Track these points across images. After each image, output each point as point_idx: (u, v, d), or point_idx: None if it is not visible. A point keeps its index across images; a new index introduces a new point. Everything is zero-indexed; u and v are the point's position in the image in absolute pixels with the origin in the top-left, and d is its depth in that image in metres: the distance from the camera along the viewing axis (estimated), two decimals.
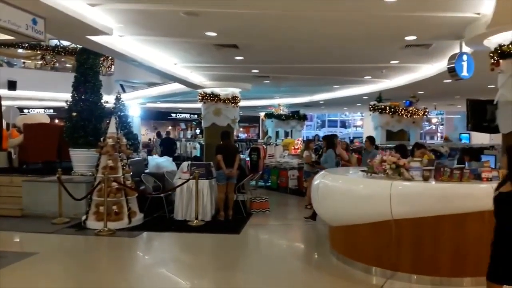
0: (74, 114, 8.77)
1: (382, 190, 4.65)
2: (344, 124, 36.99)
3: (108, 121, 7.59)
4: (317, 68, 9.67)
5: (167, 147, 13.98)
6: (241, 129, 29.18)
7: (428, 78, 9.86)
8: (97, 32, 6.00)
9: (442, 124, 29.45)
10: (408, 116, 13.79)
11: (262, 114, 21.40)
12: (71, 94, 9.01)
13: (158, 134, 17.69)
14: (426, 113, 14.59)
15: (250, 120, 27.72)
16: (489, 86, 11.28)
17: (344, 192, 5.11)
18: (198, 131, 22.68)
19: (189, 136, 22.83)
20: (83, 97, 8.99)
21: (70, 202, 7.28)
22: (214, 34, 6.54)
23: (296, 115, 18.35)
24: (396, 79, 11.28)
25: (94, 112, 9.04)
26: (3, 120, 10.85)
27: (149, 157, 9.70)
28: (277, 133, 19.19)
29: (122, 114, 11.61)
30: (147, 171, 8.94)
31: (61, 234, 6.63)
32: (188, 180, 7.23)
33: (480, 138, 17.33)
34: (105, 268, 5.38)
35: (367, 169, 5.25)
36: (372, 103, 13.71)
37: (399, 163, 4.75)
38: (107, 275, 5.01)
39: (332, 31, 6.44)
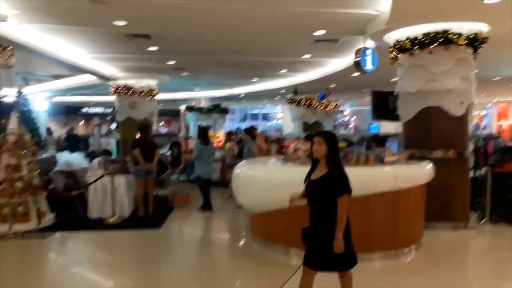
0: None
1: (297, 175, 4.86)
2: (265, 117, 37.83)
3: (7, 117, 6.91)
4: (234, 61, 9.77)
5: (72, 144, 13.19)
6: (162, 123, 28.44)
7: (337, 72, 10.49)
8: None
9: (354, 116, 31.46)
10: (322, 108, 14.53)
11: (183, 108, 21.07)
12: None
13: (71, 130, 16.54)
14: (337, 105, 15.49)
15: (171, 114, 27.09)
16: (391, 80, 12.33)
17: (263, 180, 5.27)
18: (114, 126, 21.62)
19: (103, 132, 21.68)
20: None
21: None
22: (123, 23, 6.28)
23: (217, 108, 18.35)
24: (309, 73, 11.82)
25: None
26: None
27: (59, 154, 9.05)
28: (198, 126, 18.99)
29: (25, 109, 10.64)
30: (57, 169, 8.34)
31: None
32: (102, 176, 6.90)
33: (387, 127, 18.96)
34: (11, 274, 4.93)
35: (283, 157, 5.47)
36: (288, 96, 14.22)
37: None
38: (14, 282, 4.60)
39: (244, 24, 6.54)
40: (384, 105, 7.01)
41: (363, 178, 4.78)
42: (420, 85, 6.15)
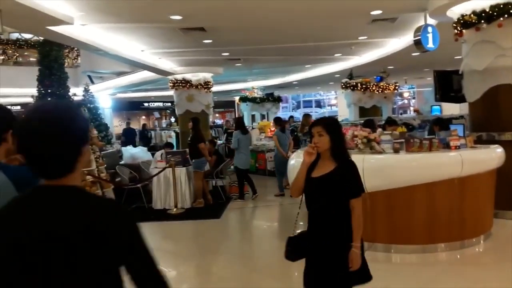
0: None
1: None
2: (319, 104, 37.22)
3: None
4: (288, 48, 9.65)
5: (129, 137, 13.87)
6: (216, 114, 29.01)
7: (396, 52, 10.00)
8: (57, 22, 5.81)
9: (414, 98, 30.01)
10: (380, 91, 13.98)
11: (237, 98, 21.31)
12: (36, 89, 8.74)
13: (127, 125, 17.36)
14: (396, 87, 14.83)
15: (225, 105, 27.54)
16: (455, 57, 11.56)
17: None
18: (173, 119, 22.40)
19: (164, 125, 22.53)
20: (49, 90, 8.75)
21: None
22: (179, 17, 6.42)
23: (271, 97, 18.34)
24: (365, 55, 11.39)
25: None
26: None
27: (123, 148, 9.55)
28: (253, 116, 19.16)
29: (91, 106, 11.32)
30: (122, 162, 8.81)
31: None
32: (164, 168, 7.17)
33: (450, 109, 17.84)
34: None
35: None
36: (343, 80, 13.84)
37: (370, 137, 4.83)
38: None
39: (297, 7, 6.40)
40: (448, 85, 6.57)
41: (427, 164, 4.56)
42: (489, 62, 5.68)
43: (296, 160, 5.60)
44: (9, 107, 12.77)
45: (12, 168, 1.65)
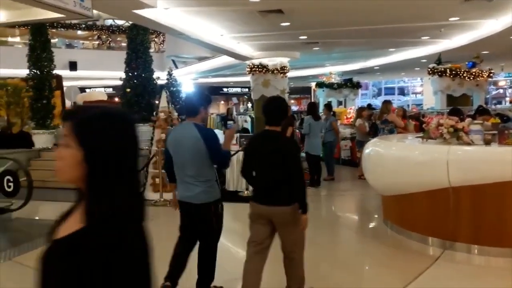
0: (128, 90, 9.09)
1: (438, 156, 4.38)
2: (402, 91, 35.28)
3: (159, 96, 7.79)
4: (370, 30, 9.16)
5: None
6: (292, 101, 28.83)
7: (492, 35, 9.03)
8: (142, 5, 6.07)
9: (511, 87, 27.15)
10: (471, 78, 12.78)
11: (313, 84, 20.91)
12: (124, 71, 9.32)
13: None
14: (491, 74, 13.44)
15: (301, 91, 27.23)
16: None
17: (398, 159, 4.87)
18: (249, 105, 22.71)
19: (241, 111, 22.94)
20: (135, 73, 9.28)
21: None
22: None
23: (349, 83, 17.69)
24: (456, 39, 10.44)
25: (147, 87, 9.32)
26: (65, 99, 11.52)
27: None
28: (328, 102, 18.66)
29: (174, 89, 11.86)
30: None
31: None
32: (237, 152, 7.28)
33: None
34: (160, 235, 5.61)
35: (423, 134, 4.95)
36: (431, 65, 12.85)
37: (458, 126, 4.42)
38: (160, 243, 5.22)
39: None
40: None
41: None
42: None
43: (372, 149, 5.34)
44: (102, 88, 13.83)
45: (202, 128, 3.22)
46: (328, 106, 9.58)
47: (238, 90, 25.80)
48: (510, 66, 17.35)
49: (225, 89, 25.47)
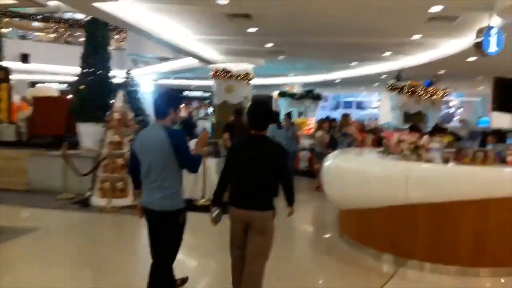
0: (82, 87, 8.57)
1: (398, 172, 4.34)
2: (360, 106, 36.19)
3: (114, 96, 7.36)
4: (335, 43, 9.23)
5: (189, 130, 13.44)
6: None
7: (451, 56, 9.36)
8: None
9: (461, 108, 28.53)
10: (427, 96, 13.23)
11: (275, 94, 20.97)
12: (79, 66, 8.79)
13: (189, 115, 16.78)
14: (446, 94, 13.99)
15: (263, 99, 27.23)
16: None
17: (357, 174, 4.80)
18: (211, 109, 22.40)
19: (202, 115, 22.57)
20: (92, 69, 8.77)
21: (75, 177, 7.15)
22: (226, 1, 6.17)
23: (310, 94, 17.85)
24: (417, 56, 10.76)
25: (103, 85, 8.83)
26: (13, 93, 10.74)
27: None
28: (288, 112, 18.72)
29: (131, 89, 11.39)
30: None
31: (64, 210, 6.52)
32: None
33: (500, 123, 16.72)
34: (105, 245, 5.24)
35: (383, 149, 4.93)
36: (390, 82, 13.19)
37: (418, 143, 4.41)
38: (107, 251, 4.87)
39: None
40: (508, 94, 5.96)
41: (480, 179, 4.08)
42: None
43: (332, 162, 5.26)
44: (56, 84, 13.00)
45: (170, 130, 2.99)
46: (289, 115, 9.51)
47: (200, 94, 25.38)
48: (462, 87, 18.19)
49: (186, 92, 24.96)
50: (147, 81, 17.84)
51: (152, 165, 2.98)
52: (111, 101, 8.63)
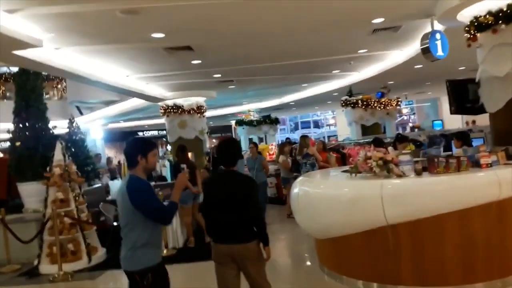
0: (18, 143, 7.78)
1: (371, 191, 4.01)
2: (317, 124, 36.71)
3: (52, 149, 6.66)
4: (283, 66, 9.04)
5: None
6: (214, 140, 28.35)
7: (398, 66, 9.43)
8: (24, 45, 5.15)
9: (413, 114, 29.53)
10: (382, 107, 13.37)
11: (233, 122, 20.71)
12: (12, 122, 8.01)
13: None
14: (399, 103, 14.23)
15: (222, 130, 26.94)
16: (459, 68, 11.01)
17: (328, 199, 4.43)
18: (169, 147, 21.71)
19: (160, 154, 21.78)
20: (26, 124, 8.02)
21: (19, 245, 6.31)
22: (161, 35, 5.79)
23: (268, 120, 17.73)
24: (364, 71, 10.81)
25: (40, 139, 8.07)
26: None
27: (110, 182, 8.78)
28: (250, 140, 18.50)
29: (77, 138, 10.59)
30: (109, 198, 8.04)
31: (10, 285, 5.66)
32: None
33: (453, 124, 17.24)
34: None
35: (349, 168, 4.60)
36: (343, 98, 13.25)
37: (387, 158, 4.12)
38: None
39: (294, 20, 5.80)
40: (463, 96, 5.92)
41: (459, 187, 3.82)
42: (510, 67, 5.02)
43: (299, 189, 4.87)
44: None
45: (130, 180, 2.75)
46: (256, 144, 9.04)
47: (155, 133, 24.65)
48: (412, 94, 18.71)
49: (140, 133, 24.15)
50: (96, 127, 17.00)
51: (121, 220, 2.83)
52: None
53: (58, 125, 9.36)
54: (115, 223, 6.84)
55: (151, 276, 2.72)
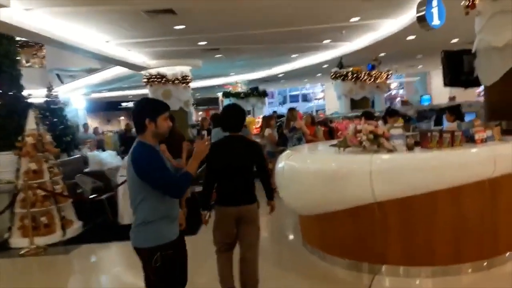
0: None
1: (360, 167, 3.77)
2: (305, 98, 36.38)
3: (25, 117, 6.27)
4: (272, 34, 8.64)
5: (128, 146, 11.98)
6: (200, 112, 27.91)
7: (390, 36, 9.11)
8: None
9: (402, 88, 29.36)
10: (372, 80, 13.08)
11: (220, 95, 20.28)
12: None
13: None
14: (389, 75, 13.95)
15: (209, 102, 26.45)
16: (452, 41, 10.72)
17: (314, 174, 4.18)
18: None
19: None
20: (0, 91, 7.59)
21: None
22: None
23: (256, 92, 17.34)
24: (356, 41, 10.45)
25: (15, 107, 7.65)
26: None
27: (90, 154, 8.43)
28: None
29: (55, 107, 10.17)
30: (87, 170, 7.72)
31: None
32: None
33: (440, 99, 17.11)
34: None
35: (338, 143, 4.34)
36: (333, 70, 12.90)
37: (377, 132, 3.86)
38: None
39: None
40: (458, 67, 5.66)
41: (452, 163, 3.59)
42: (510, 37, 4.76)
43: (285, 163, 4.61)
44: None
45: (136, 148, 2.43)
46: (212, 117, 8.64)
47: None
48: (403, 67, 18.42)
49: (124, 104, 23.57)
50: (78, 97, 16.45)
51: (129, 192, 2.51)
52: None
53: (38, 94, 8.92)
54: (91, 196, 6.57)
55: (161, 256, 2.41)
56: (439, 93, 18.70)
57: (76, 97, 16.27)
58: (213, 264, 3.63)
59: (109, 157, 8.04)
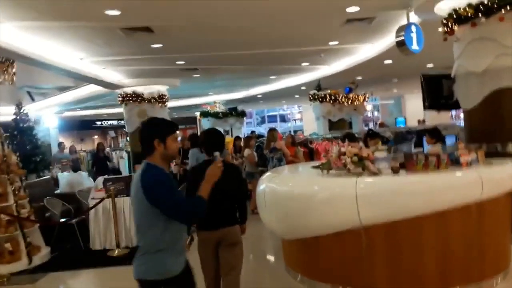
0: None
1: (345, 190, 3.66)
2: (283, 119, 36.65)
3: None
4: (251, 56, 8.59)
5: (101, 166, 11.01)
6: (177, 132, 27.51)
7: (368, 60, 9.21)
8: None
9: (378, 111, 29.93)
10: (349, 103, 13.22)
11: (198, 114, 20.08)
12: None
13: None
14: (366, 98, 14.15)
15: (186, 121, 26.14)
16: (428, 66, 10.98)
17: (298, 198, 4.03)
18: (128, 138, 20.77)
19: (121, 145, 20.81)
20: None
21: None
22: (117, 12, 5.19)
23: (234, 112, 17.23)
24: (334, 64, 10.55)
25: None
26: None
27: (60, 174, 8.05)
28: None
29: (25, 126, 9.73)
30: (57, 192, 7.34)
31: None
32: (101, 200, 5.79)
33: (414, 121, 17.48)
34: None
35: (321, 165, 4.23)
36: (312, 92, 12.98)
37: (362, 154, 3.78)
38: None
39: (264, 3, 5.37)
40: (437, 91, 5.73)
41: (440, 187, 3.53)
42: (489, 63, 4.82)
43: (266, 186, 4.45)
44: None
45: (146, 170, 2.28)
46: (189, 137, 8.36)
47: (115, 122, 23.56)
48: (378, 91, 18.77)
49: (98, 122, 22.99)
50: (50, 115, 15.91)
51: (134, 217, 2.39)
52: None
53: (6, 112, 8.53)
54: (61, 220, 6.20)
55: None
56: (413, 116, 19.16)
57: (48, 116, 15.71)
58: None
59: (80, 178, 7.69)
